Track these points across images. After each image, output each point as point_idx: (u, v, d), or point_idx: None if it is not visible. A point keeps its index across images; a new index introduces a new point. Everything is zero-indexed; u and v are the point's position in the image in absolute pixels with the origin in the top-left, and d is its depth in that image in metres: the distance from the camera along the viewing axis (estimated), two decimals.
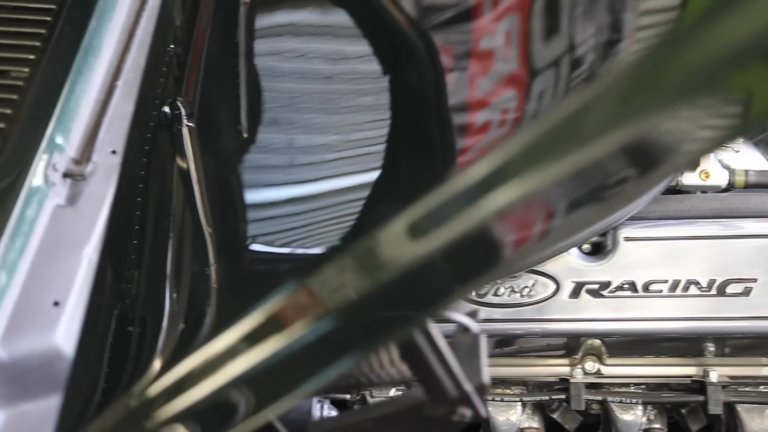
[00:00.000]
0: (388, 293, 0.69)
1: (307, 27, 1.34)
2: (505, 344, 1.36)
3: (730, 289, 1.26)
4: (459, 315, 0.86)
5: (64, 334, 0.80)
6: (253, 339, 0.73)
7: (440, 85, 1.19)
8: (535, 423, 1.44)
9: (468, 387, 0.82)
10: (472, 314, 0.87)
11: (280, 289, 0.72)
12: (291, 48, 1.28)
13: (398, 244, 0.67)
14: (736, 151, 1.41)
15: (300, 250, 1.01)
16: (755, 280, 1.26)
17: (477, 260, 0.68)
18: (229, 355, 0.74)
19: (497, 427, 1.43)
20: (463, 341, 0.86)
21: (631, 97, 0.59)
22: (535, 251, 0.69)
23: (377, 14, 1.30)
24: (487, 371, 0.83)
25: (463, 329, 0.86)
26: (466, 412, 0.83)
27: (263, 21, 1.57)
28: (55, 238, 0.85)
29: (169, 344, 0.92)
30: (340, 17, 1.32)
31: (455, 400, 0.82)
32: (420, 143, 1.14)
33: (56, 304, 0.81)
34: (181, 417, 0.78)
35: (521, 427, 1.43)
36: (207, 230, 1.06)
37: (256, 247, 1.04)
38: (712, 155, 1.33)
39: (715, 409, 1.33)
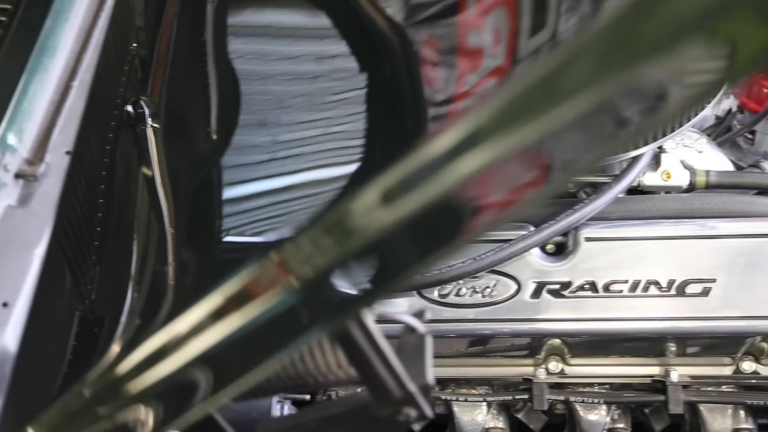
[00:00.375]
0: (358, 261, 0.69)
1: (277, 26, 1.34)
2: (468, 344, 1.36)
3: (689, 290, 1.27)
4: (405, 316, 0.87)
5: (12, 336, 0.80)
6: (217, 314, 0.72)
7: (416, 82, 1.20)
8: (500, 423, 1.44)
9: (412, 387, 0.82)
10: (419, 315, 0.88)
11: (248, 262, 0.71)
12: (261, 47, 1.28)
13: (369, 211, 0.66)
14: (699, 152, 1.41)
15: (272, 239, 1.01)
16: (714, 281, 1.27)
17: (449, 227, 0.67)
18: (192, 333, 0.73)
19: (462, 427, 1.44)
20: (409, 342, 0.86)
21: (613, 49, 0.57)
22: (510, 215, 0.68)
23: (350, 12, 1.30)
24: (432, 372, 0.84)
25: (410, 330, 0.87)
26: (411, 412, 0.84)
27: (232, 19, 1.58)
28: (5, 239, 0.85)
29: (125, 336, 0.93)
30: (312, 15, 1.32)
31: (400, 400, 0.83)
32: (395, 137, 1.15)
33: (5, 305, 0.81)
34: (142, 396, 0.78)
35: (486, 427, 1.44)
36: (169, 230, 1.06)
37: (228, 239, 1.05)
38: (673, 156, 1.33)
39: (676, 408, 1.33)
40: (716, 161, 1.41)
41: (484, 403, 1.43)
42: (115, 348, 0.89)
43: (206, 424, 0.87)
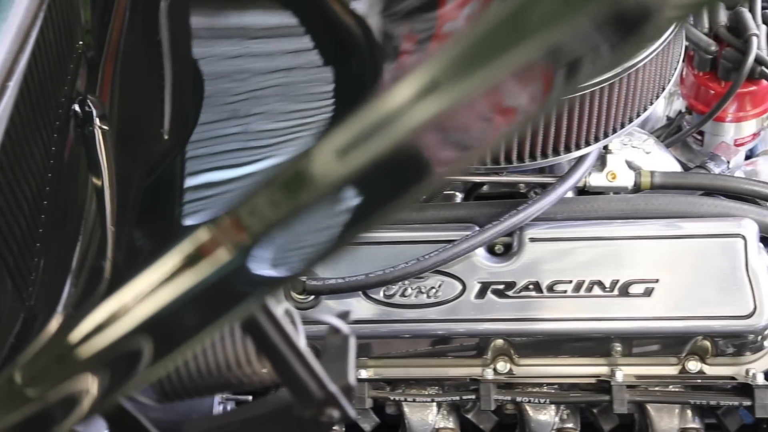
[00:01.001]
0: (313, 214, 0.68)
1: (238, 24, 1.34)
2: (416, 345, 1.37)
3: (632, 290, 1.28)
4: (329, 317, 0.87)
5: None
6: (168, 276, 0.71)
7: (380, 76, 1.20)
8: (450, 423, 1.45)
9: (333, 388, 0.82)
10: (343, 316, 0.88)
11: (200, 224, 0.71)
12: (221, 44, 1.28)
13: (324, 164, 0.66)
14: (647, 153, 1.42)
15: None
16: (657, 281, 1.27)
17: (410, 174, 0.66)
18: (140, 297, 0.73)
19: (413, 427, 1.44)
20: (333, 343, 0.87)
21: None
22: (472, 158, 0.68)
23: (312, 6, 1.30)
24: (354, 372, 0.84)
25: (334, 330, 0.87)
26: (335, 413, 0.84)
27: (189, 18, 1.58)
28: None
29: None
30: (273, 12, 1.32)
31: (321, 401, 0.83)
32: None
33: None
34: (84, 366, 0.77)
35: (436, 427, 1.44)
36: (110, 228, 1.06)
37: (190, 222, 1.04)
38: (618, 157, 1.34)
39: (620, 408, 1.34)
40: (664, 162, 1.42)
41: (434, 404, 1.44)
42: (51, 328, 0.89)
43: (132, 427, 0.88)
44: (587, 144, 1.26)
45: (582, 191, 1.37)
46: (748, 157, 1.54)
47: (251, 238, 0.68)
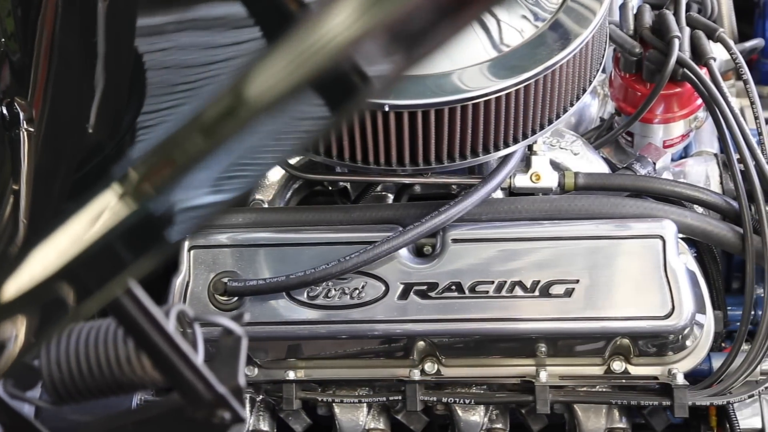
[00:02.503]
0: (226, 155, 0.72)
1: (184, 18, 1.34)
2: (343, 346, 1.37)
3: (553, 291, 1.28)
4: (223, 318, 0.87)
5: None
6: (80, 226, 0.75)
7: None
8: (381, 424, 1.45)
9: (222, 390, 0.83)
10: (237, 318, 0.88)
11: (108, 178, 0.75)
12: (158, 39, 1.28)
13: (230, 106, 0.70)
14: (575, 154, 1.43)
15: None
16: (577, 282, 1.28)
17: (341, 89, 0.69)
18: (56, 245, 0.76)
19: (343, 428, 1.44)
20: (226, 344, 0.87)
21: None
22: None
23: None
24: (244, 374, 0.84)
25: (227, 332, 0.87)
26: (226, 415, 0.84)
27: (128, 16, 1.58)
28: None
29: None
30: (219, 5, 1.32)
31: (211, 403, 0.83)
32: None
33: None
34: (13, 309, 0.78)
35: (367, 428, 1.44)
36: (22, 220, 1.07)
37: None
38: (543, 158, 1.34)
39: (543, 408, 1.34)
40: (592, 163, 1.43)
41: (365, 405, 1.44)
42: None
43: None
44: (506, 145, 1.26)
45: (512, 193, 1.38)
46: (683, 157, 1.55)
47: (154, 191, 0.73)
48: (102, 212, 0.74)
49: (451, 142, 1.23)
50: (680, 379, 1.32)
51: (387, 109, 1.20)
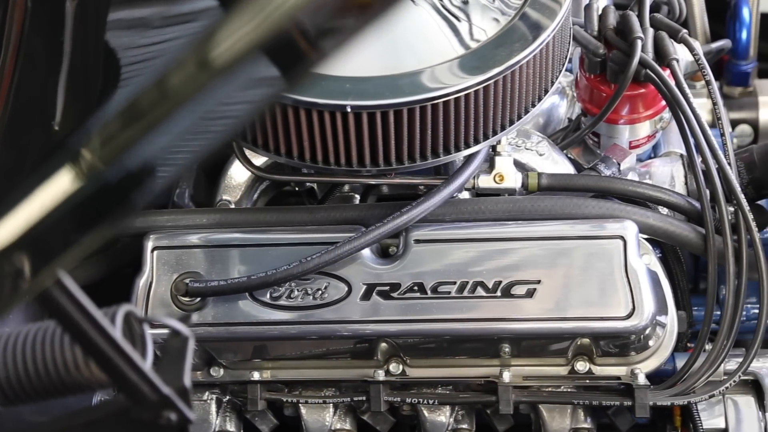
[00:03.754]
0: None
1: (151, 16, 1.34)
2: (308, 347, 1.37)
3: (514, 291, 1.28)
4: (170, 319, 0.87)
5: None
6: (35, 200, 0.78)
7: None
8: (347, 425, 1.45)
9: (167, 391, 0.83)
10: (184, 319, 0.88)
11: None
12: (128, 35, 1.28)
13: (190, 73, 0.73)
14: (541, 155, 1.43)
15: None
16: (539, 282, 1.28)
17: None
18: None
19: (309, 428, 1.44)
20: (173, 345, 0.87)
21: None
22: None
23: None
24: (189, 375, 0.84)
25: (174, 333, 0.87)
26: (172, 416, 0.84)
27: (97, 13, 1.58)
28: None
29: None
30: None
31: (157, 404, 0.83)
32: None
33: None
34: None
35: (333, 429, 1.44)
36: None
37: None
38: (506, 159, 1.35)
39: (506, 409, 1.35)
40: (557, 164, 1.43)
41: (331, 405, 1.44)
42: None
43: None
44: (467, 146, 1.26)
45: (478, 194, 1.38)
46: (651, 158, 1.56)
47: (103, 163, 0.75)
48: (53, 187, 0.76)
49: (412, 143, 1.23)
50: (641, 380, 1.32)
51: (349, 110, 1.20)
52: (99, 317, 0.76)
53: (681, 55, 1.45)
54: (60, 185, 0.76)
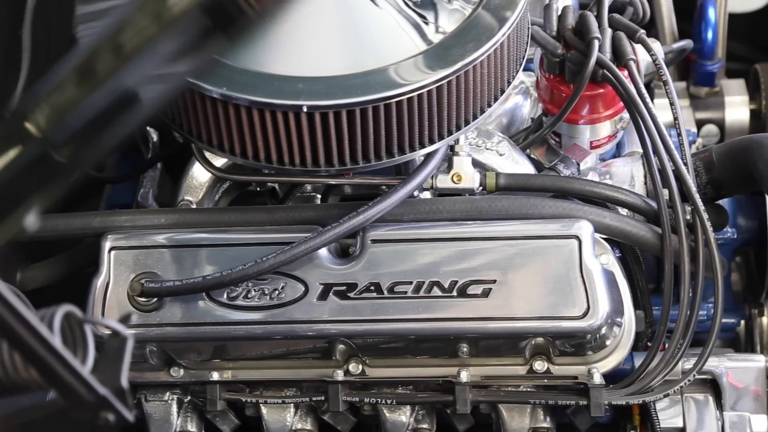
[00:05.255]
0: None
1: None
2: (267, 347, 1.37)
3: (470, 291, 1.28)
4: (109, 320, 0.87)
5: None
6: None
7: None
8: (308, 425, 1.45)
9: (103, 391, 0.82)
10: (124, 319, 0.88)
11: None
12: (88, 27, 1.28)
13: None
14: (501, 154, 1.43)
15: None
16: (494, 282, 1.28)
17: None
18: None
19: (270, 428, 1.45)
20: (112, 345, 0.87)
21: None
22: None
23: None
24: (127, 376, 0.84)
25: (114, 334, 0.87)
26: (110, 416, 0.84)
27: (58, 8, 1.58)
28: None
29: None
30: None
31: (94, 404, 0.83)
32: None
33: None
34: None
35: (294, 428, 1.44)
36: None
37: None
38: (464, 159, 1.35)
39: (463, 408, 1.35)
40: (518, 164, 1.43)
41: (292, 405, 1.44)
42: None
43: None
44: (422, 146, 1.26)
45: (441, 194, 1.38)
46: (615, 157, 1.56)
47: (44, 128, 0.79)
48: None
49: (366, 143, 1.23)
50: (597, 379, 1.32)
51: (305, 110, 1.20)
52: (31, 318, 0.76)
53: (643, 55, 1.45)
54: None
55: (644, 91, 1.35)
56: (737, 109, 1.89)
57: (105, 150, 0.85)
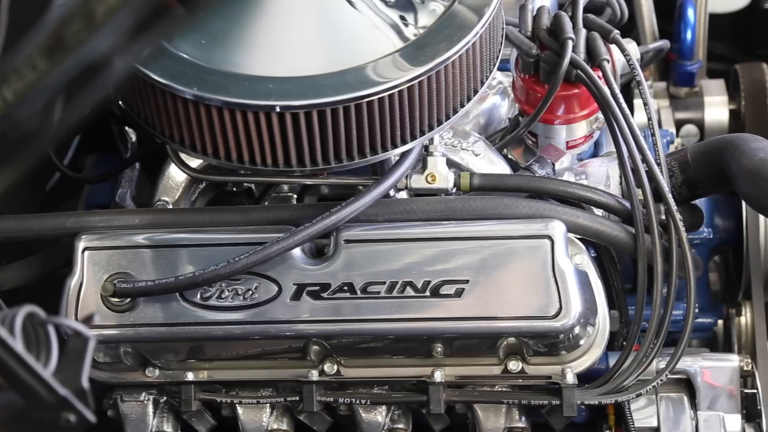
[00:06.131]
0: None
1: None
2: (232, 347, 1.37)
3: (443, 291, 1.29)
4: (70, 320, 0.87)
5: None
6: None
7: None
8: (283, 425, 1.45)
9: (63, 392, 0.82)
10: (87, 320, 0.88)
11: None
12: None
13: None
14: (477, 155, 1.43)
15: None
16: (467, 282, 1.28)
17: None
18: None
19: (246, 428, 1.44)
20: (74, 346, 0.87)
21: None
22: None
23: None
24: (87, 376, 0.84)
25: (76, 334, 0.87)
26: (71, 417, 0.84)
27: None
28: None
29: None
30: None
31: (54, 405, 0.83)
32: None
33: None
34: None
35: (270, 428, 1.44)
36: None
37: None
38: (438, 159, 1.35)
39: (436, 408, 1.35)
40: (493, 164, 1.43)
41: (268, 405, 1.44)
42: None
43: None
44: (394, 146, 1.26)
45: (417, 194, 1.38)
46: (593, 156, 1.56)
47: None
48: None
49: (337, 143, 1.23)
50: (570, 379, 1.33)
51: (278, 110, 1.20)
52: None
53: (620, 56, 1.45)
54: None
55: (617, 91, 1.35)
56: (716, 109, 1.90)
57: (71, 123, 0.84)
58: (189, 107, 1.22)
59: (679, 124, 1.90)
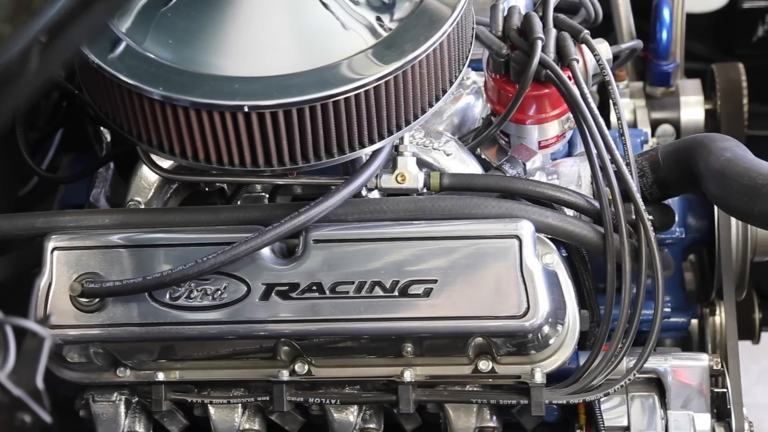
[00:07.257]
0: None
1: None
2: (201, 347, 1.37)
3: (411, 290, 1.29)
4: (27, 321, 0.87)
5: None
6: None
7: None
8: (255, 425, 1.45)
9: (17, 392, 0.82)
10: (43, 320, 0.88)
11: None
12: None
13: None
14: (448, 154, 1.43)
15: None
16: (435, 281, 1.28)
17: None
18: None
19: (217, 429, 1.44)
20: (29, 346, 0.87)
21: None
22: None
23: None
24: (42, 376, 0.84)
25: (32, 334, 0.87)
26: (26, 417, 0.84)
27: None
28: None
29: None
30: None
31: (8, 405, 0.83)
32: None
33: None
34: None
35: (241, 429, 1.44)
36: None
37: None
38: (408, 159, 1.35)
39: (406, 408, 1.35)
40: (465, 164, 1.43)
41: (240, 405, 1.44)
42: None
43: None
44: (362, 146, 1.26)
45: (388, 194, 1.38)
46: (566, 156, 1.56)
47: None
48: None
49: (304, 143, 1.23)
50: (538, 378, 1.33)
51: (246, 110, 1.21)
52: None
53: (590, 56, 1.45)
54: None
55: (587, 91, 1.36)
56: (692, 109, 1.90)
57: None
58: (156, 107, 1.22)
59: (655, 124, 1.90)
